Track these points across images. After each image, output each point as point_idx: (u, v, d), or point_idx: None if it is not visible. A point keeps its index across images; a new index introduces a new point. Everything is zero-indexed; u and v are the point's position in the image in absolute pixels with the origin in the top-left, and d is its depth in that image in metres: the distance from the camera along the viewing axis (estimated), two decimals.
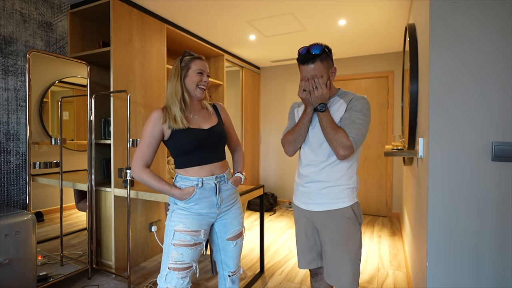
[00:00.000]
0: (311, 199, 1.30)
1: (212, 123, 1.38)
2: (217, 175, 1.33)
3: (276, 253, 2.79)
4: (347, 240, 1.24)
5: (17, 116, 2.10)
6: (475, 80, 1.13)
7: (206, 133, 1.32)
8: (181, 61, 1.33)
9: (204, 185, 1.29)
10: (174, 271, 1.24)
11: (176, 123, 1.26)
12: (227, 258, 1.41)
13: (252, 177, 4.60)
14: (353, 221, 1.25)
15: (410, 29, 1.89)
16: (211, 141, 1.33)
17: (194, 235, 1.27)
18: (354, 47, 3.69)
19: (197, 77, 1.32)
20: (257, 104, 4.72)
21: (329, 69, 1.24)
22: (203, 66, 1.34)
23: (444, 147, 1.18)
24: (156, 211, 2.69)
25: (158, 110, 1.31)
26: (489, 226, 1.11)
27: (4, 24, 2.04)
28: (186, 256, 1.25)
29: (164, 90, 2.76)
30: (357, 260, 1.26)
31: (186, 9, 2.58)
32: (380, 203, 4.04)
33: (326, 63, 1.22)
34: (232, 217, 1.39)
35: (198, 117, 1.36)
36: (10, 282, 1.62)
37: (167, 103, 1.32)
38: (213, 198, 1.31)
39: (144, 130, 1.30)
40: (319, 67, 1.20)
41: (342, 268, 1.23)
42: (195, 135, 1.29)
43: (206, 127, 1.34)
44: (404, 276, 2.31)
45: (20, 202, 2.11)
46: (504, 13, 1.08)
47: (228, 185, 1.37)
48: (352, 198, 1.27)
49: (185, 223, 1.26)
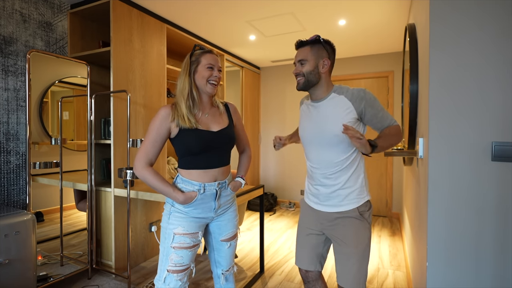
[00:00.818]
0: (320, 200, 1.32)
1: (222, 124, 1.33)
2: (219, 181, 1.30)
3: (276, 253, 2.79)
4: (354, 238, 1.24)
5: (17, 116, 2.10)
6: (475, 80, 1.13)
7: (214, 136, 1.27)
8: (191, 56, 1.28)
9: (206, 191, 1.27)
10: (173, 274, 1.23)
11: (185, 121, 1.22)
12: (220, 257, 1.41)
13: (252, 177, 4.60)
14: (360, 220, 1.26)
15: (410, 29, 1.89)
16: (219, 144, 1.29)
17: (193, 237, 1.26)
18: (354, 47, 3.69)
19: (207, 72, 1.25)
20: (257, 104, 4.72)
21: (319, 58, 1.25)
22: (214, 60, 1.27)
23: (444, 147, 1.18)
24: (156, 211, 2.69)
25: (167, 107, 1.25)
26: (489, 226, 1.11)
27: (4, 24, 2.04)
28: (185, 258, 1.25)
29: (164, 90, 2.77)
30: (365, 259, 1.25)
31: (186, 9, 2.58)
32: (380, 203, 4.04)
33: (316, 51, 1.25)
34: (227, 220, 1.38)
35: (208, 116, 1.31)
36: (10, 282, 1.62)
37: (176, 100, 1.27)
38: (212, 203, 1.30)
39: (150, 127, 1.24)
40: (307, 52, 1.25)
41: (349, 266, 1.24)
42: (203, 137, 1.24)
43: (215, 129, 1.29)
44: (404, 276, 2.31)
45: (20, 202, 2.11)
46: (504, 13, 1.08)
47: (228, 190, 1.35)
48: (361, 198, 1.27)
49: (184, 226, 1.25)
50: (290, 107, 4.57)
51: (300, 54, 1.26)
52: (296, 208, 4.44)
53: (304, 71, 1.25)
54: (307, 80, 1.26)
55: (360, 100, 1.20)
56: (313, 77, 1.25)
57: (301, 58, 1.25)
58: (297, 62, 1.27)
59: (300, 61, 1.26)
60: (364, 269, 1.26)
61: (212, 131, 1.28)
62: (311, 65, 1.24)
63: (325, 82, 1.28)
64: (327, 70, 1.27)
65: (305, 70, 1.25)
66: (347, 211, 1.26)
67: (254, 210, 4.28)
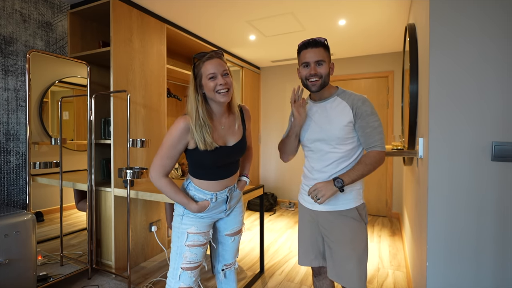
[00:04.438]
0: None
1: (238, 136, 1.29)
2: (229, 187, 1.34)
3: (276, 253, 2.79)
4: (353, 239, 1.25)
5: (17, 116, 2.10)
6: (475, 80, 1.13)
7: (229, 150, 1.26)
8: (193, 70, 1.20)
9: (218, 199, 1.30)
10: (187, 271, 1.27)
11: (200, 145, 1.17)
12: (224, 251, 1.45)
13: (252, 177, 4.60)
14: (358, 220, 1.26)
15: (410, 29, 1.89)
16: (233, 157, 1.29)
17: (205, 235, 1.31)
18: (354, 47, 3.69)
19: (211, 83, 1.16)
20: (257, 104, 4.72)
21: (330, 60, 1.27)
22: (214, 67, 1.16)
23: (444, 147, 1.18)
24: (156, 211, 2.69)
25: (187, 120, 1.17)
26: (489, 225, 1.11)
27: (4, 24, 2.04)
28: (199, 255, 1.29)
29: (164, 90, 2.77)
30: (363, 259, 1.26)
31: (186, 9, 2.58)
32: (380, 203, 4.04)
33: (328, 54, 1.26)
34: (233, 216, 1.43)
35: (224, 128, 1.26)
36: (10, 282, 1.62)
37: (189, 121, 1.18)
38: (223, 206, 1.35)
39: (168, 139, 1.18)
40: (323, 53, 1.23)
41: (349, 267, 1.24)
42: (218, 154, 1.22)
43: (231, 143, 1.27)
44: (404, 276, 2.31)
45: (20, 202, 2.11)
46: (504, 13, 1.08)
47: (237, 192, 1.40)
48: (358, 200, 1.29)
49: (197, 226, 1.29)
50: (290, 107, 4.56)
51: (317, 54, 1.23)
52: (296, 208, 4.44)
53: (323, 73, 1.24)
54: (324, 81, 1.25)
55: (357, 108, 1.23)
56: (327, 79, 1.26)
57: (320, 59, 1.23)
58: (313, 62, 1.23)
59: (317, 62, 1.23)
60: (365, 268, 1.27)
61: (228, 146, 1.26)
62: (326, 67, 1.24)
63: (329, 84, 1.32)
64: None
65: (324, 71, 1.24)
66: (345, 210, 1.27)
67: (254, 210, 4.28)
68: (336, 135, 1.24)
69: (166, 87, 2.87)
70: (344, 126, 1.23)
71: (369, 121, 1.22)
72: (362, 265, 1.25)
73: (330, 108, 1.28)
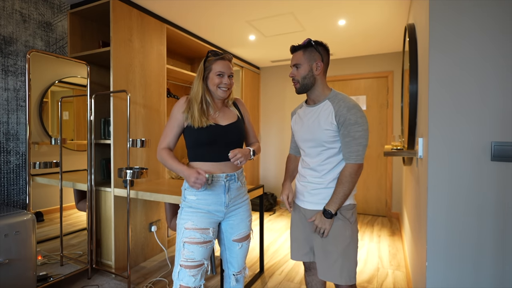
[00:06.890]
0: (304, 197, 1.37)
1: (231, 119, 1.39)
2: (227, 173, 1.34)
3: (276, 253, 2.80)
4: (335, 237, 1.27)
5: (17, 116, 2.10)
6: (474, 80, 1.13)
7: (222, 129, 1.33)
8: (204, 62, 1.35)
9: (214, 181, 1.31)
10: (186, 269, 1.26)
11: (195, 122, 1.29)
12: (232, 258, 1.42)
13: (252, 177, 4.60)
14: (341, 219, 1.28)
15: (409, 29, 1.89)
16: (227, 138, 1.34)
17: (204, 232, 1.28)
18: (354, 47, 3.70)
19: (217, 79, 1.33)
20: (257, 104, 4.72)
21: (312, 61, 1.29)
22: (225, 67, 1.33)
23: (444, 147, 1.18)
24: (156, 211, 2.69)
25: (184, 98, 1.36)
26: (488, 225, 1.11)
27: (4, 24, 2.04)
28: (196, 254, 1.26)
29: (164, 90, 2.77)
30: (348, 255, 1.28)
31: (186, 9, 2.58)
32: (379, 203, 4.04)
33: (309, 54, 1.30)
34: (240, 219, 1.39)
35: (219, 114, 1.38)
36: (10, 282, 1.62)
37: (191, 100, 1.35)
38: (222, 196, 1.33)
39: (171, 113, 1.36)
40: (299, 57, 1.30)
41: (329, 262, 1.28)
42: (213, 131, 1.31)
43: (224, 123, 1.36)
44: (404, 276, 2.31)
45: (20, 202, 2.11)
46: (504, 13, 1.09)
47: (237, 184, 1.38)
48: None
49: (194, 220, 1.28)
50: (290, 107, 4.57)
51: (294, 58, 1.33)
52: None
53: (299, 76, 1.31)
54: (302, 84, 1.32)
55: (340, 116, 1.23)
56: (308, 81, 1.31)
57: (295, 63, 1.32)
58: (292, 66, 1.34)
59: (295, 65, 1.33)
60: (350, 265, 1.28)
61: (220, 125, 1.34)
62: (305, 69, 1.30)
63: (321, 84, 1.33)
64: (321, 71, 1.31)
65: (300, 74, 1.31)
66: None
67: (254, 210, 4.27)
68: (322, 138, 1.28)
69: (166, 87, 2.87)
70: (325, 130, 1.26)
71: (351, 130, 1.22)
72: (347, 262, 1.27)
73: (320, 111, 1.31)
